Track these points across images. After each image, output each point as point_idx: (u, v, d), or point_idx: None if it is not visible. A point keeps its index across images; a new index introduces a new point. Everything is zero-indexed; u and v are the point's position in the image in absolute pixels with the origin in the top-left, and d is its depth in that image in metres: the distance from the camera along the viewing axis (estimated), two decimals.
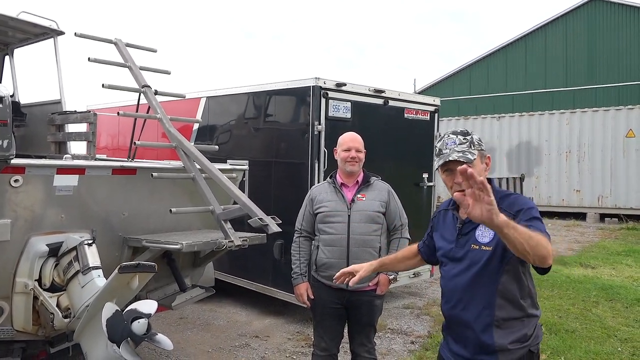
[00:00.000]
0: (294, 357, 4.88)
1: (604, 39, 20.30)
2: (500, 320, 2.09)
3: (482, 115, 17.84)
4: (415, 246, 2.66)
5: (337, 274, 2.67)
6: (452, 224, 2.28)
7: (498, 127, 16.97)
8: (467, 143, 2.14)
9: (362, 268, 2.61)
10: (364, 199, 3.41)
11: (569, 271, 8.51)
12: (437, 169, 2.24)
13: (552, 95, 20.97)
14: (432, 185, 6.85)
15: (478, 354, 2.13)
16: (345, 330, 3.57)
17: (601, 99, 19.60)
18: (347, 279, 2.64)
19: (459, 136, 2.17)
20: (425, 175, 6.71)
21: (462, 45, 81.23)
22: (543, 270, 1.96)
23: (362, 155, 3.44)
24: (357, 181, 3.47)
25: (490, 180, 2.12)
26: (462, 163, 2.03)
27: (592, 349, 4.94)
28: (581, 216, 15.33)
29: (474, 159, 2.11)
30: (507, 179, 10.52)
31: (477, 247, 2.12)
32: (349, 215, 3.36)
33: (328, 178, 3.57)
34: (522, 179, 10.94)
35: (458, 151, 2.11)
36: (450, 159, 2.11)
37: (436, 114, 6.83)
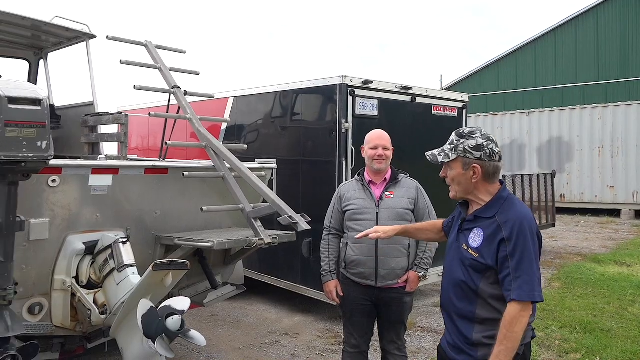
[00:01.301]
0: (324, 354, 4.90)
1: (637, 30, 19.70)
2: (481, 318, 2.18)
3: (511, 111, 17.53)
4: (440, 222, 2.76)
5: (362, 233, 2.92)
6: (458, 220, 2.40)
7: (528, 123, 16.67)
8: (454, 145, 2.25)
9: (386, 229, 2.84)
10: (392, 196, 3.40)
11: (604, 269, 8.31)
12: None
13: (583, 90, 20.48)
14: None
15: (461, 343, 2.24)
16: (375, 328, 3.57)
17: (635, 92, 19.05)
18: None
19: (455, 136, 2.27)
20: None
21: (487, 40, 79.98)
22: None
23: (389, 153, 3.44)
24: (385, 178, 3.46)
25: (501, 182, 2.28)
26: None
27: (629, 349, 4.82)
28: (615, 213, 14.95)
29: (444, 161, 2.26)
30: (537, 175, 10.29)
31: (467, 248, 2.23)
32: (377, 213, 3.35)
33: (356, 176, 3.57)
34: (553, 175, 10.69)
35: (441, 149, 2.28)
36: (426, 153, 2.33)
37: (464, 110, 6.76)
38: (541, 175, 10.36)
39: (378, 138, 3.46)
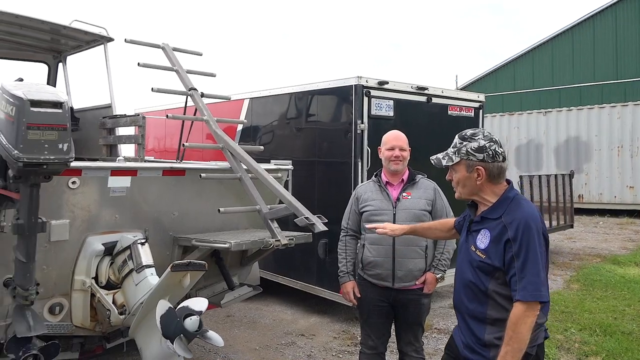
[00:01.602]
0: (340, 356, 4.89)
1: None
2: (492, 318, 2.20)
3: (528, 111, 17.33)
4: (451, 221, 2.82)
5: (371, 225, 3.06)
6: (467, 221, 2.44)
7: (545, 123, 16.46)
8: (457, 148, 2.29)
9: (394, 227, 2.97)
10: (409, 197, 3.39)
11: (624, 271, 8.18)
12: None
13: (601, 89, 20.18)
14: None
15: (475, 344, 2.26)
16: (393, 329, 3.56)
17: None
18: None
19: (458, 139, 2.32)
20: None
21: (503, 39, 79.16)
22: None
23: (406, 154, 3.42)
24: (402, 179, 3.45)
25: (508, 182, 2.31)
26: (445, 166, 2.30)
27: None
28: (635, 213, 14.69)
29: (447, 163, 2.30)
30: (555, 175, 10.17)
31: (475, 249, 2.26)
32: (394, 214, 3.34)
33: (373, 177, 3.56)
34: (571, 175, 10.55)
35: (445, 152, 2.33)
36: (431, 157, 2.39)
37: (481, 110, 6.71)
38: (559, 175, 10.23)
39: (395, 139, 3.45)
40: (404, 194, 3.39)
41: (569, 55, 21.41)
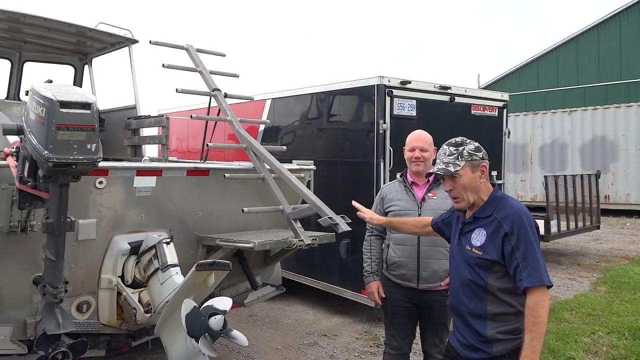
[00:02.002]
0: (363, 356, 4.87)
1: None
2: (492, 314, 2.31)
3: (552, 110, 17.05)
4: (428, 219, 2.98)
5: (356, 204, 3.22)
6: (457, 224, 2.55)
7: (569, 122, 16.17)
8: (456, 154, 2.38)
9: (373, 215, 3.20)
10: (434, 197, 3.35)
11: None
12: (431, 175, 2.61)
13: (628, 87, 19.72)
14: (501, 183, 6.65)
15: (475, 341, 2.35)
16: (417, 330, 3.53)
17: None
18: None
19: (451, 147, 2.41)
20: (494, 173, 6.51)
21: (524, 38, 78.00)
22: None
23: (427, 155, 3.39)
24: (428, 180, 3.42)
25: (493, 185, 2.47)
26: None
27: None
28: None
29: (456, 170, 2.35)
30: (581, 176, 9.96)
31: (470, 248, 2.38)
32: (419, 214, 3.31)
33: (399, 176, 3.54)
34: (597, 176, 10.33)
35: (443, 162, 2.39)
36: (431, 171, 2.44)
37: (505, 110, 6.63)
38: (585, 175, 10.02)
39: (416, 140, 3.43)
40: (429, 194, 3.37)
41: (595, 53, 20.99)
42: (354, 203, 3.29)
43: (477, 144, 2.41)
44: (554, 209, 8.74)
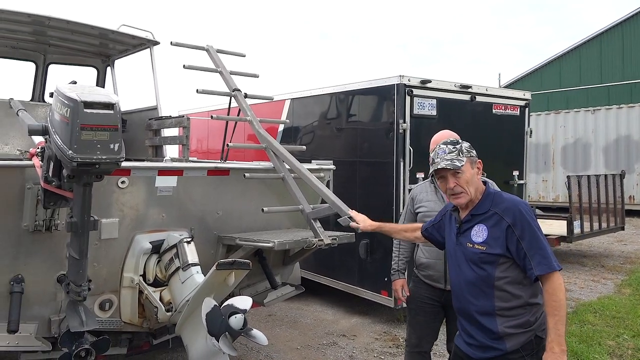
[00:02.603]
0: (382, 357, 4.85)
1: None
2: (501, 309, 2.32)
3: (575, 109, 16.76)
4: (418, 225, 3.02)
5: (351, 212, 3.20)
6: (453, 225, 2.56)
7: (593, 121, 15.87)
8: (456, 151, 2.44)
9: (364, 220, 3.16)
10: None
11: None
12: (430, 176, 2.72)
13: None
14: (522, 184, 6.56)
15: (487, 340, 2.36)
16: (443, 331, 3.56)
17: None
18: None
19: (449, 145, 2.48)
20: (515, 173, 6.43)
21: (544, 36, 76.91)
22: None
23: None
24: None
25: (485, 183, 2.55)
26: (450, 169, 2.40)
27: None
28: None
29: (461, 165, 2.40)
30: (605, 176, 9.76)
31: (472, 245, 2.39)
32: None
33: (430, 177, 3.54)
34: (622, 175, 10.11)
35: (447, 159, 2.43)
36: (439, 167, 2.44)
37: (526, 109, 6.54)
38: (609, 175, 9.82)
39: (435, 142, 3.46)
40: None
41: (619, 51, 20.57)
42: (351, 212, 3.28)
43: (469, 143, 2.51)
44: (577, 210, 8.58)
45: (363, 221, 3.17)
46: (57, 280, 3.10)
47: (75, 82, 2.87)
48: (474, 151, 2.49)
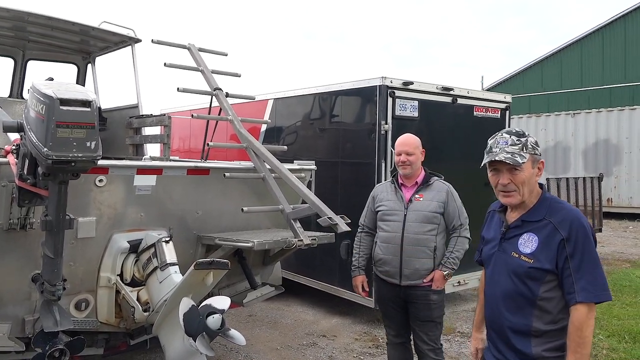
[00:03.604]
0: (362, 357, 4.86)
1: None
2: (537, 330, 2.06)
3: (556, 112, 17.00)
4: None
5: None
6: (497, 227, 2.26)
7: (573, 124, 16.12)
8: (520, 145, 2.09)
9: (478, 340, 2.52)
10: (421, 199, 3.49)
11: None
12: (482, 166, 2.21)
13: (632, 90, 19.65)
14: None
15: None
16: None
17: None
18: None
19: (513, 136, 2.12)
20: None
21: (527, 40, 77.88)
22: None
23: (412, 158, 3.49)
24: (417, 182, 3.55)
25: (541, 186, 2.18)
26: (509, 164, 2.06)
27: None
28: None
29: (523, 162, 2.06)
30: (583, 178, 9.94)
31: (518, 255, 2.10)
32: (405, 215, 3.46)
33: (391, 177, 3.70)
34: (600, 178, 10.29)
35: (507, 152, 2.08)
36: (497, 158, 2.08)
37: (507, 112, 6.61)
38: (587, 178, 9.99)
39: (402, 144, 3.55)
40: (416, 196, 3.51)
41: (599, 56, 20.92)
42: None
43: (535, 139, 2.15)
44: None
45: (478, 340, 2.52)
46: (32, 280, 3.05)
47: (52, 79, 2.84)
48: (539, 149, 2.14)
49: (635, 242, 11.55)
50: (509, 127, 6.63)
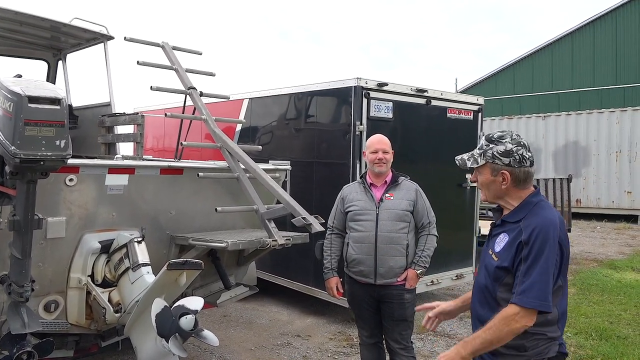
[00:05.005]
0: (336, 357, 4.89)
1: None
2: None
3: (527, 115, 17.38)
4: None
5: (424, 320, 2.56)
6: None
7: (543, 127, 16.49)
8: (482, 151, 2.18)
9: (442, 305, 2.55)
10: (392, 198, 3.54)
11: (620, 275, 8.19)
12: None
13: (600, 94, 20.20)
14: (475, 186, 6.74)
15: (485, 353, 2.17)
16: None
17: None
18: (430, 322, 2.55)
19: (485, 141, 2.21)
20: (468, 176, 6.59)
21: (501, 43, 79.38)
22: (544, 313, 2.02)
23: (388, 157, 3.57)
24: (386, 181, 3.60)
25: (535, 188, 2.23)
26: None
27: None
28: (632, 219, 14.71)
29: (472, 165, 2.18)
30: (553, 180, 10.18)
31: (491, 252, 2.19)
32: (377, 214, 3.50)
33: (359, 178, 3.76)
34: (569, 180, 10.56)
35: (468, 154, 2.22)
36: (456, 157, 2.27)
37: (480, 114, 6.71)
38: (557, 179, 10.24)
39: (378, 142, 3.60)
40: (387, 195, 3.55)
41: (569, 60, 21.42)
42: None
43: (511, 147, 2.13)
44: None
45: (439, 305, 2.54)
46: None
47: (20, 76, 2.78)
48: (505, 159, 2.12)
49: (603, 242, 11.87)
50: (481, 129, 6.75)
